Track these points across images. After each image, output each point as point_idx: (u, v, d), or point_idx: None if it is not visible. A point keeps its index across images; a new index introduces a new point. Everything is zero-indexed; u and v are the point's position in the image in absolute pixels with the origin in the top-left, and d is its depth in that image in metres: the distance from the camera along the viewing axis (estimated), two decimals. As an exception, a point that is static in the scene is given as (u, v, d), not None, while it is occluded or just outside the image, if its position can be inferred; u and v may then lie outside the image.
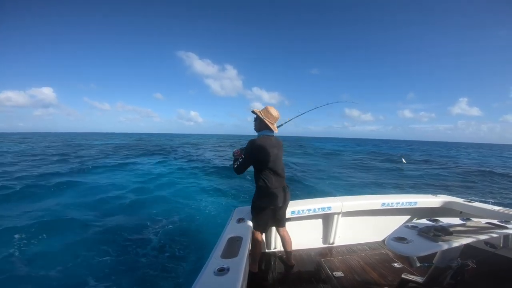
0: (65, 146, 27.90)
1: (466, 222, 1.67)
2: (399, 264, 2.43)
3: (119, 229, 5.06)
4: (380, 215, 2.96)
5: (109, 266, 3.75)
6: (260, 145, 1.98)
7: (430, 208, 2.98)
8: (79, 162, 14.24)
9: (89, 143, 36.01)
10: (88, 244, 4.36)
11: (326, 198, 2.88)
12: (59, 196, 7.33)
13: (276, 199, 2.08)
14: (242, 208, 2.48)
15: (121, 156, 18.19)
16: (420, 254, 1.28)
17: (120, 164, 13.87)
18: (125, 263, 3.85)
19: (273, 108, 2.08)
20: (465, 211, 2.76)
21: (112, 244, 4.40)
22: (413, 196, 3.07)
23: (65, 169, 11.44)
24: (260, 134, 2.09)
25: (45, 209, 6.07)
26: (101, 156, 18.31)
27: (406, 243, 1.37)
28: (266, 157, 1.99)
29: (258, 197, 2.11)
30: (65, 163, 13.98)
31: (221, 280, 1.27)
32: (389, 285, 2.08)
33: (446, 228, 1.44)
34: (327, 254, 2.69)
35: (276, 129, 2.12)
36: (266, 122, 2.03)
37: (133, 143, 37.82)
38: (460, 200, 2.95)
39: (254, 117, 2.15)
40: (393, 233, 1.50)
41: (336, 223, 2.79)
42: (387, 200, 2.84)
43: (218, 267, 1.37)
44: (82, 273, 3.54)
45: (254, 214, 2.17)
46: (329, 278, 2.21)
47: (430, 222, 1.66)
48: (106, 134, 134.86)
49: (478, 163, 20.75)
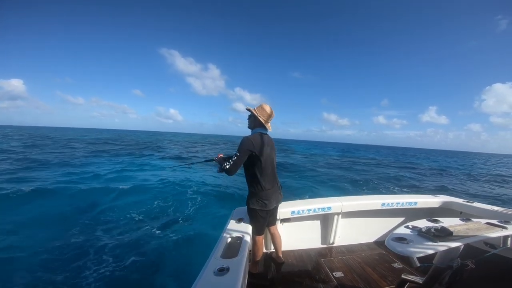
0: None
1: (466, 222, 1.68)
2: (399, 264, 2.43)
3: (118, 229, 5.07)
4: (380, 215, 2.96)
5: (108, 267, 3.75)
6: (254, 142, 1.94)
7: (430, 209, 2.98)
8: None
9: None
10: (88, 239, 4.37)
11: (326, 198, 2.88)
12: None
13: (271, 201, 2.05)
14: (242, 208, 2.47)
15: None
16: (420, 254, 1.28)
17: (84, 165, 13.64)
18: (125, 263, 3.85)
19: (267, 106, 2.05)
20: (465, 211, 2.76)
21: (107, 244, 4.40)
22: (413, 197, 3.07)
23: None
24: (254, 132, 2.05)
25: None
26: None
27: (406, 243, 1.37)
28: (260, 155, 1.94)
29: (253, 200, 2.03)
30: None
31: (221, 280, 1.27)
32: (389, 285, 2.08)
33: (446, 228, 1.44)
34: (327, 254, 2.69)
35: (270, 128, 2.09)
36: (260, 120, 2.00)
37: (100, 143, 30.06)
38: (460, 200, 2.95)
39: (248, 115, 2.12)
40: (393, 233, 1.50)
41: (336, 223, 2.79)
42: (387, 200, 2.84)
43: (218, 267, 1.37)
44: (82, 272, 3.55)
45: (251, 218, 2.11)
46: (329, 278, 2.20)
47: (430, 223, 1.66)
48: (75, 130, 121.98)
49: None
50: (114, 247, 4.31)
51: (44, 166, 11.53)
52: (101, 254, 4.06)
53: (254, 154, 1.93)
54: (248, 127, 2.14)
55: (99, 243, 4.44)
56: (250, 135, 2.03)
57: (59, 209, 6.01)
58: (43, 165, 11.62)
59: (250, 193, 2.07)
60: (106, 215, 5.82)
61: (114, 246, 4.34)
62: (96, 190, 7.82)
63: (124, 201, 6.89)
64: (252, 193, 2.05)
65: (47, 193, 7.10)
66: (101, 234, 4.81)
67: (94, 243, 4.45)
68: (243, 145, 1.91)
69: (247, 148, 1.91)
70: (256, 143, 1.94)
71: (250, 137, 1.98)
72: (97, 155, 17.28)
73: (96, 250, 4.21)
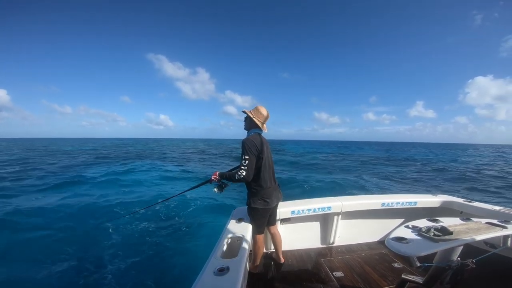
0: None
1: (466, 222, 1.67)
2: (399, 264, 2.43)
3: (118, 229, 5.07)
4: (380, 215, 2.95)
5: (108, 267, 3.75)
6: (256, 142, 1.97)
7: (430, 208, 2.98)
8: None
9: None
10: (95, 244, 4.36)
11: (326, 198, 2.88)
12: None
13: (273, 199, 2.07)
14: (242, 208, 2.47)
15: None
16: (420, 254, 1.28)
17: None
18: (125, 263, 3.85)
19: (263, 107, 2.09)
20: (465, 211, 2.76)
21: (111, 245, 4.40)
22: (413, 196, 3.07)
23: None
24: (251, 133, 2.08)
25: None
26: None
27: (406, 243, 1.37)
28: (262, 154, 1.98)
29: (254, 199, 2.05)
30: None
31: (221, 280, 1.27)
32: (389, 285, 2.08)
33: (446, 228, 1.44)
34: (327, 254, 2.68)
35: (266, 129, 2.12)
36: (256, 121, 2.04)
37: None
38: (460, 200, 2.95)
39: (244, 117, 2.15)
40: (393, 233, 1.50)
41: (336, 223, 2.79)
42: (387, 200, 2.84)
43: (218, 267, 1.37)
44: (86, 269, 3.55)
45: (252, 217, 2.12)
46: (329, 278, 2.20)
47: (430, 222, 1.66)
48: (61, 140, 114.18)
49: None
50: (114, 247, 4.31)
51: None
52: (101, 254, 4.07)
53: (257, 154, 1.96)
54: (244, 128, 2.17)
55: (99, 243, 4.44)
56: (249, 135, 2.05)
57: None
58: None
59: (251, 192, 2.07)
60: (106, 215, 5.83)
61: (112, 246, 4.35)
62: (96, 194, 7.82)
63: (123, 201, 6.90)
64: (253, 192, 2.06)
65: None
66: (101, 234, 4.82)
67: (93, 243, 4.45)
68: (248, 147, 1.93)
69: (253, 148, 1.94)
70: (258, 142, 1.98)
71: (250, 137, 2.00)
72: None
73: (95, 249, 4.21)
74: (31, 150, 29.19)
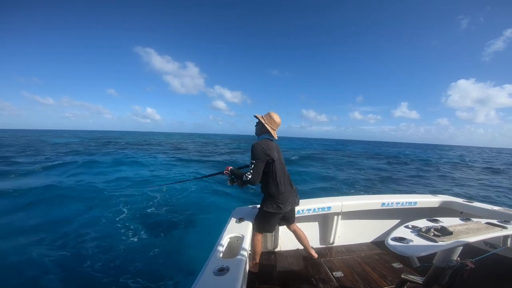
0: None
1: (466, 222, 1.67)
2: (399, 264, 2.43)
3: (117, 229, 5.07)
4: (380, 215, 2.96)
5: (108, 268, 3.75)
6: (266, 147, 1.96)
7: (430, 208, 2.98)
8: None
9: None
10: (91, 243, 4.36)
11: (326, 198, 2.88)
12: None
13: (286, 204, 2.07)
14: (242, 208, 2.48)
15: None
16: (420, 254, 1.28)
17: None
18: (125, 263, 3.85)
19: (276, 114, 2.08)
20: (465, 211, 2.76)
21: (107, 245, 4.40)
22: (413, 196, 3.07)
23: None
24: (261, 138, 2.08)
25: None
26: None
27: (406, 243, 1.37)
28: (273, 159, 1.98)
29: (267, 203, 2.06)
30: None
31: (221, 280, 1.27)
32: (389, 285, 2.08)
33: (446, 228, 1.43)
34: (327, 254, 2.69)
35: (276, 136, 2.11)
36: (267, 127, 2.04)
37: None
38: (460, 200, 2.95)
39: (256, 122, 2.15)
40: (393, 233, 1.50)
41: (336, 223, 2.79)
42: (387, 200, 2.84)
43: (218, 267, 1.37)
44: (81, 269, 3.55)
45: (261, 219, 2.13)
46: (329, 278, 2.20)
47: (430, 222, 1.66)
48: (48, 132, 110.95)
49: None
50: (113, 247, 4.31)
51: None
52: (100, 255, 4.07)
53: (268, 159, 1.96)
54: (255, 133, 2.17)
55: (99, 244, 4.44)
56: (259, 140, 2.04)
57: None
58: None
59: (266, 196, 2.10)
60: (106, 216, 5.83)
61: (112, 246, 4.35)
62: (93, 195, 7.82)
63: (123, 202, 6.90)
64: (267, 196, 2.08)
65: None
66: (100, 235, 4.82)
67: (93, 243, 4.45)
68: (257, 152, 1.94)
69: (261, 154, 1.94)
70: (267, 148, 1.97)
71: (260, 142, 2.00)
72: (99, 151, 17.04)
73: (95, 250, 4.21)
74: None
